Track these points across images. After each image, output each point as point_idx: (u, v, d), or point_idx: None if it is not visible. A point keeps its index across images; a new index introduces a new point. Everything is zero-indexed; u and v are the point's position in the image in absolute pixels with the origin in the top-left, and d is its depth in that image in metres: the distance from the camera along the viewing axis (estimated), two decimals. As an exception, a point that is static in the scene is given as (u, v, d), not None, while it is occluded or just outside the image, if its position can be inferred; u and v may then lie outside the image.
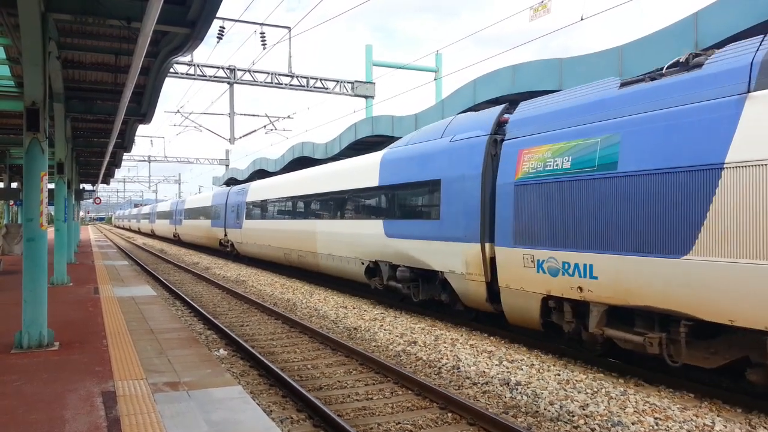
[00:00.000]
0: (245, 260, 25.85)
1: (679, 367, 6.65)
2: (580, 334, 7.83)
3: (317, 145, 29.46)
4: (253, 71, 23.84)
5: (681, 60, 7.17)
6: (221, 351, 8.89)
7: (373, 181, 12.78)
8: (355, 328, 10.47)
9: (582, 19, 11.67)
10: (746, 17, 10.53)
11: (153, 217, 53.46)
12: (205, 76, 23.25)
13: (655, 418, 5.70)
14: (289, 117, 28.11)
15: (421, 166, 11.00)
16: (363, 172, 13.42)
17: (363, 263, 13.19)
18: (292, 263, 18.54)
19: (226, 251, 27.42)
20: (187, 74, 22.91)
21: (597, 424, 5.68)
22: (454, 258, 9.88)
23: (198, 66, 23.07)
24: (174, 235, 41.74)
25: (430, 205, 10.67)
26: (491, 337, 9.64)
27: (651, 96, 6.93)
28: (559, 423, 5.79)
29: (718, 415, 5.88)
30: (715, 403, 6.36)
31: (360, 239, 13.19)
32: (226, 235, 26.49)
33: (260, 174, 39.40)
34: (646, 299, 6.66)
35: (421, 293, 11.33)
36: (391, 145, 12.96)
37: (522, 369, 7.50)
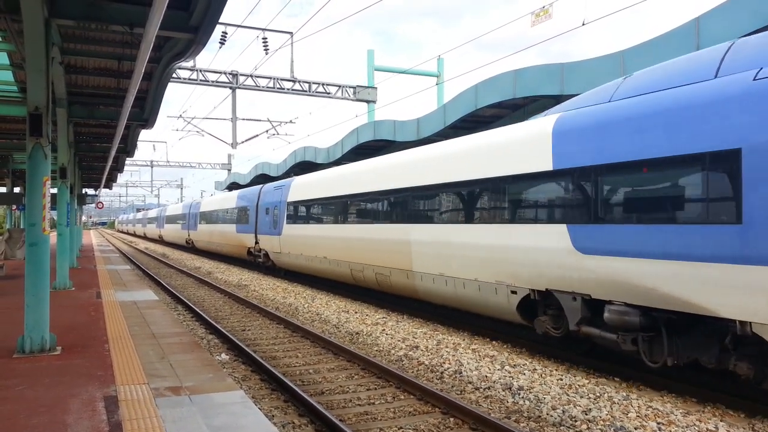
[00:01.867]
0: (249, 265, 25.58)
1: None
2: None
3: (319, 149, 29.51)
4: (256, 76, 23.92)
5: None
6: (223, 356, 8.88)
7: (538, 164, 8.33)
8: (356, 333, 10.46)
9: (583, 24, 11.69)
10: (748, 22, 10.54)
11: (161, 221, 48.72)
12: (208, 81, 23.34)
13: (658, 423, 5.69)
14: (291, 122, 28.20)
15: (668, 130, 6.58)
16: (512, 151, 8.93)
17: (514, 292, 8.76)
18: (365, 284, 13.79)
19: (257, 263, 22.46)
20: (189, 79, 23.00)
21: (600, 429, 5.66)
22: None
23: (200, 71, 23.16)
24: (187, 242, 36.99)
25: (706, 197, 6.22)
26: (493, 342, 9.62)
27: None
28: (561, 428, 5.78)
29: (721, 420, 5.86)
30: (719, 407, 6.34)
31: (513, 255, 8.72)
32: (257, 243, 21.79)
33: (263, 178, 39.33)
34: None
35: (666, 353, 6.72)
36: (565, 105, 8.81)
37: (524, 374, 7.48)
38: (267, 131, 28.56)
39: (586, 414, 6.02)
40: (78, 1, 6.94)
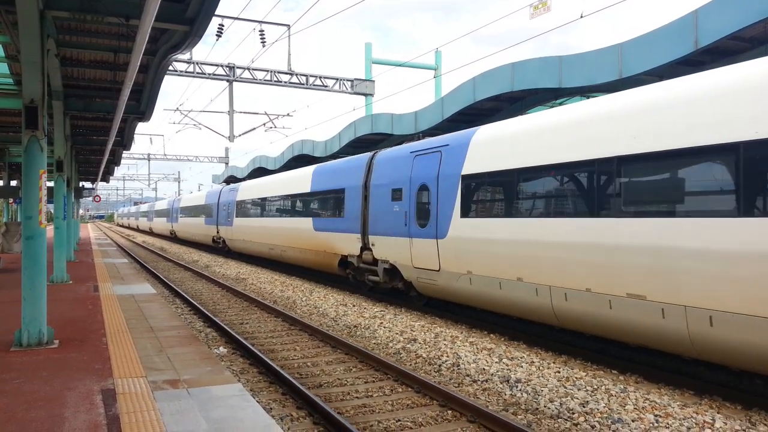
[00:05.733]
0: (244, 257, 25.36)
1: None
2: None
3: (317, 142, 29.44)
4: (253, 69, 23.83)
5: None
6: (221, 349, 8.89)
7: None
8: (355, 326, 10.47)
9: (582, 17, 11.65)
10: (746, 15, 10.51)
11: (174, 213, 40.13)
12: (205, 73, 23.23)
13: (655, 415, 5.70)
14: (288, 115, 28.09)
15: None
16: None
17: None
18: None
19: (370, 284, 13.45)
20: (186, 72, 22.90)
21: (597, 421, 5.67)
22: None
23: (197, 64, 23.05)
24: (215, 241, 28.66)
25: None
26: (491, 335, 9.64)
27: None
28: (559, 420, 5.79)
29: (718, 412, 5.88)
30: (715, 400, 6.36)
31: None
32: (367, 247, 13.09)
33: (260, 172, 39.08)
34: None
35: None
36: None
37: (522, 366, 7.49)
38: (264, 124, 28.47)
39: (584, 406, 6.03)
40: (73, -8, 6.90)
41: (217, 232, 27.75)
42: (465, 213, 9.85)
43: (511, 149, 9.06)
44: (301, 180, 17.71)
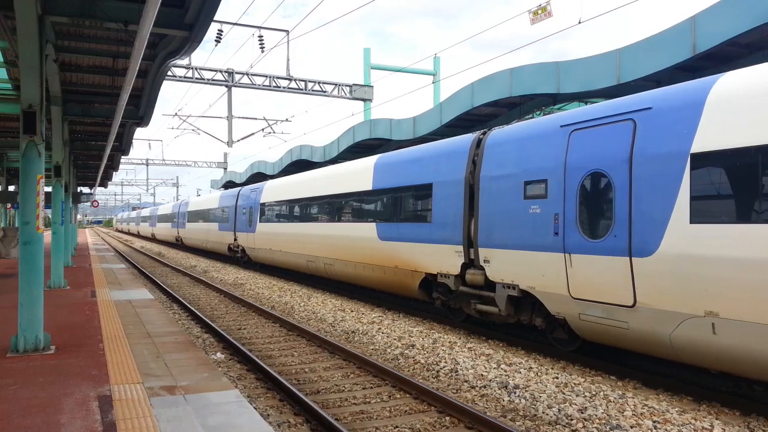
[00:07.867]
0: (247, 266, 25.25)
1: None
2: None
3: (315, 148, 29.46)
4: (252, 74, 23.86)
5: None
6: (218, 355, 8.86)
7: None
8: (353, 331, 10.44)
9: (580, 22, 11.69)
10: (744, 21, 10.55)
11: (181, 218, 35.68)
12: (203, 79, 23.26)
13: (654, 422, 5.69)
14: (287, 120, 28.12)
15: None
16: None
17: None
18: None
19: (476, 315, 9.86)
20: (185, 77, 22.92)
21: (595, 427, 5.66)
22: None
23: (196, 69, 23.08)
24: (231, 250, 24.91)
25: None
26: (489, 340, 9.62)
27: None
28: (557, 426, 5.77)
29: (716, 419, 5.86)
30: (714, 406, 6.35)
31: None
32: (475, 264, 9.68)
33: (258, 177, 39.16)
34: None
35: None
36: None
37: (520, 372, 7.48)
38: (263, 129, 28.49)
39: (582, 412, 6.02)
40: (72, -2, 6.91)
41: (235, 240, 23.91)
42: (702, 215, 6.22)
43: None
44: (356, 175, 13.96)
